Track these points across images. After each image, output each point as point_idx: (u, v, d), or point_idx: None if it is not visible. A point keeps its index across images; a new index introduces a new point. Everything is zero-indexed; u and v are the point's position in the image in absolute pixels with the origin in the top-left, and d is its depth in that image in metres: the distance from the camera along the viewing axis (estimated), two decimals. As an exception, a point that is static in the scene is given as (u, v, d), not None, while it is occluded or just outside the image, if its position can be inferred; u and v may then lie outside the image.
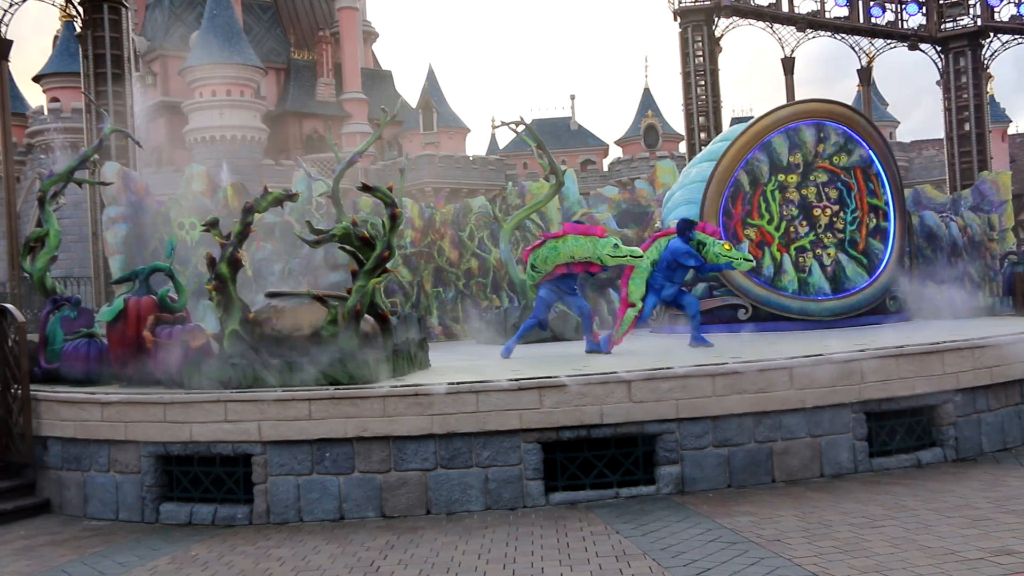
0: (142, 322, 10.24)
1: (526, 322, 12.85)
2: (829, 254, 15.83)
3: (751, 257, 12.23)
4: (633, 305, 12.22)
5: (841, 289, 15.75)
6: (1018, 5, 34.35)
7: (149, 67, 55.53)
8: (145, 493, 9.37)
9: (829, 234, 15.85)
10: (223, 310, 9.93)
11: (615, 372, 9.09)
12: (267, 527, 8.84)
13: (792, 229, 15.77)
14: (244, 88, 51.90)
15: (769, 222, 15.65)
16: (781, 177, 15.71)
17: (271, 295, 10.79)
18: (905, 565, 6.37)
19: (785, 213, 15.70)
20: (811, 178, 15.82)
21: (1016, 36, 35.07)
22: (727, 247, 12.11)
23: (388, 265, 10.27)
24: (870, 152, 16.34)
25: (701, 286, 15.47)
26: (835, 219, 15.97)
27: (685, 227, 12.21)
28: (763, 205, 15.72)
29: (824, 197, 15.96)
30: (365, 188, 11.23)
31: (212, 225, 10.27)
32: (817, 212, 15.87)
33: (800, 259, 15.70)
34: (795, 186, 15.80)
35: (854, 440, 9.58)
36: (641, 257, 11.92)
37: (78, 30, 25.46)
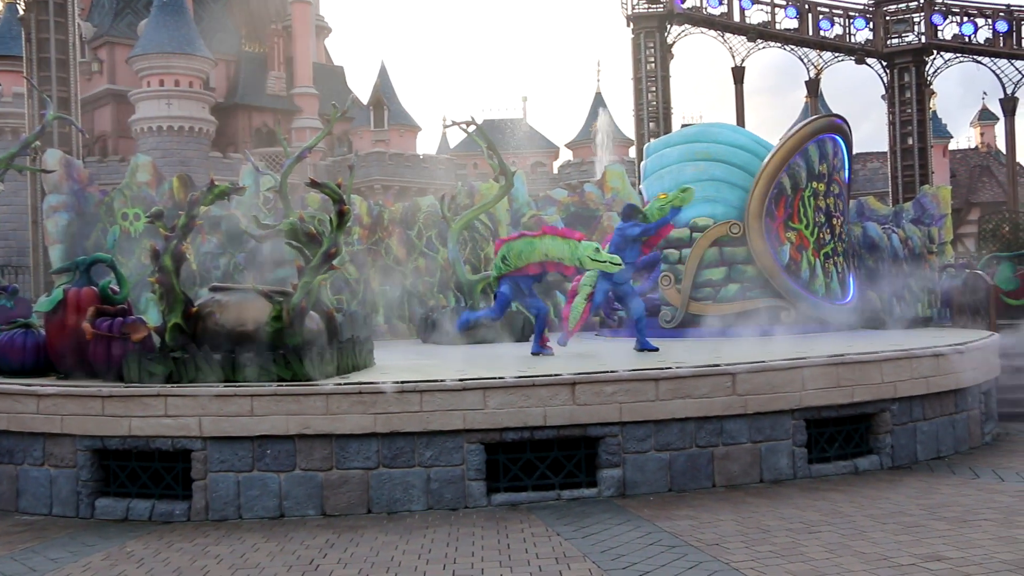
0: (82, 313, 10.03)
1: (486, 312, 12.85)
2: (840, 262, 16.41)
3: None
4: (575, 303, 12.34)
5: (845, 296, 16.36)
6: (960, 24, 35.17)
7: (95, 54, 54.56)
8: (80, 488, 9.20)
9: (840, 243, 16.41)
10: (166, 303, 9.78)
11: (559, 374, 9.12)
12: (205, 524, 8.72)
13: (822, 235, 16.23)
14: (193, 79, 51.24)
15: (806, 227, 16.00)
16: (814, 184, 16.15)
17: (215, 289, 10.65)
18: (840, 570, 6.47)
19: (817, 220, 16.11)
20: (831, 189, 16.32)
21: (958, 54, 35.89)
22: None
23: (335, 262, 10.21)
24: (848, 170, 17.11)
25: (733, 287, 15.61)
26: (841, 229, 16.55)
27: (630, 212, 12.60)
28: (801, 210, 16.02)
29: (837, 208, 16.52)
30: (313, 184, 11.15)
31: (157, 217, 10.11)
32: (835, 221, 16.46)
33: (826, 265, 16.20)
34: (823, 195, 16.27)
35: (794, 446, 9.71)
36: (620, 266, 11.70)
37: (21, 12, 24.94)
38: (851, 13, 36.29)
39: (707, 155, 16.29)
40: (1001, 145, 49.10)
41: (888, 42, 35.87)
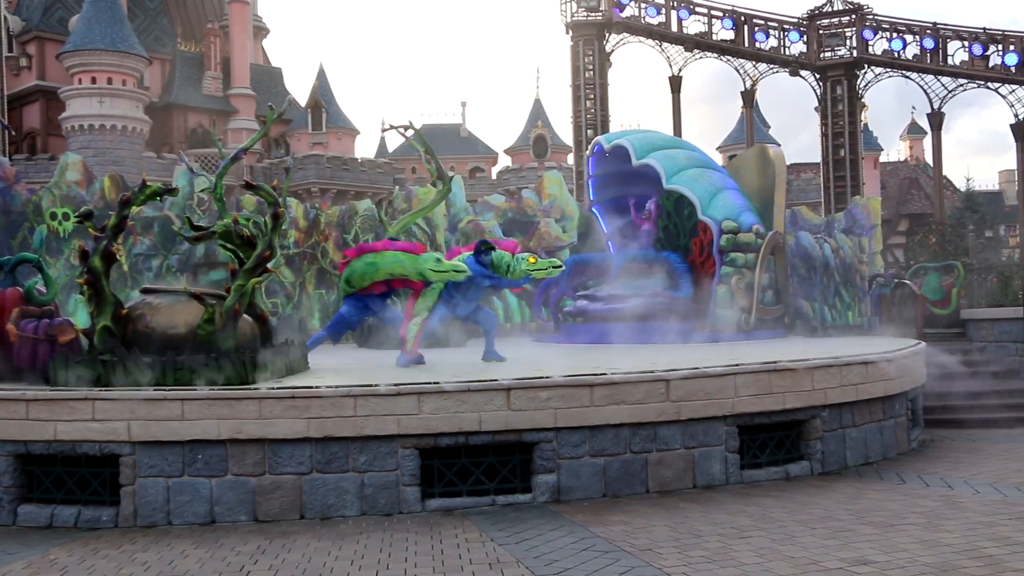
0: (6, 315, 9.79)
1: (317, 333, 12.82)
2: None
3: (559, 263, 11.87)
4: (414, 317, 11.59)
5: None
6: (890, 40, 35.99)
7: (23, 48, 53.32)
8: (2, 494, 8.94)
9: None
10: (95, 305, 9.59)
11: (495, 379, 9.11)
12: (133, 530, 8.56)
13: None
14: (127, 77, 50.29)
15: None
16: None
17: (147, 291, 10.48)
18: (770, 575, 6.56)
19: None
20: None
21: (888, 69, 36.72)
22: (532, 260, 11.52)
23: (270, 265, 10.10)
24: None
25: (771, 292, 16.32)
26: None
27: (481, 248, 11.58)
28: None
29: None
30: (248, 186, 11.04)
31: (86, 217, 9.92)
32: None
33: None
34: None
35: (726, 452, 9.82)
36: (466, 272, 11.04)
37: (-53, 6, 24.28)
38: (785, 26, 36.90)
39: (703, 163, 17.07)
40: (929, 158, 50.32)
41: (821, 55, 36.55)
